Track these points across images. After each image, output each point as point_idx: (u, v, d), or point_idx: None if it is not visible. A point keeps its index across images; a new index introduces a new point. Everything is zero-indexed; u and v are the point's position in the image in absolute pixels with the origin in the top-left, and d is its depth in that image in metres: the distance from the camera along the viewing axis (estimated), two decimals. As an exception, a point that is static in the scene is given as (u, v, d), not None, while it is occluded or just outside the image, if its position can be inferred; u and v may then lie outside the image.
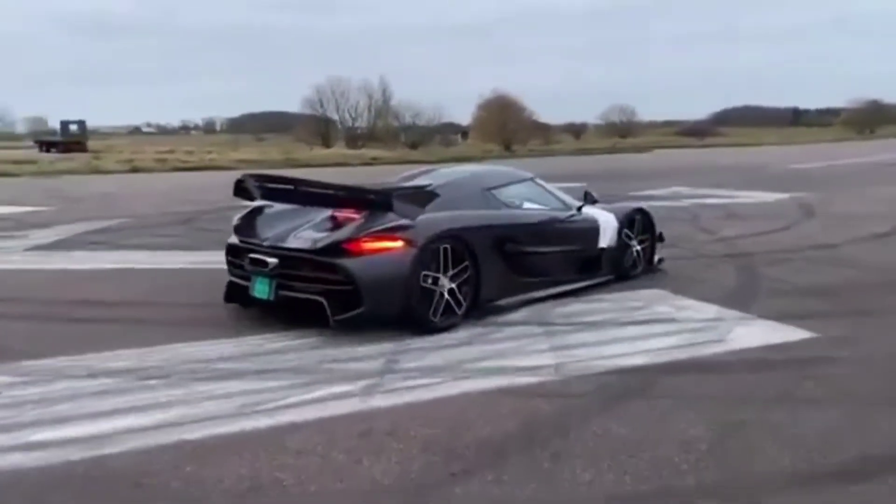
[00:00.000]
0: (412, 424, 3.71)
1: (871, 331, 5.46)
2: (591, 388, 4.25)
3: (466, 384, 4.29)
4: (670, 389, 4.23)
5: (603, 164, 32.94)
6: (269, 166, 31.81)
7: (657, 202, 14.46)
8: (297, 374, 4.46)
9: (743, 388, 4.27)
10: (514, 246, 5.90)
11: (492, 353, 4.88)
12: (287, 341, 5.13)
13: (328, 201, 5.59)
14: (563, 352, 4.92)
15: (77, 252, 8.93)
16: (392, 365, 4.63)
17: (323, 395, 4.11)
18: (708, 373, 4.54)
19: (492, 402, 4.02)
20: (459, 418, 3.79)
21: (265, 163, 34.45)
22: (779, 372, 4.54)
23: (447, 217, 5.51)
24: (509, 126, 57.35)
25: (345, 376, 4.42)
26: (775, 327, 5.52)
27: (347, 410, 3.89)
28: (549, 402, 4.02)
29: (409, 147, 53.10)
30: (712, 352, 4.94)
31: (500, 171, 6.94)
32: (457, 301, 5.41)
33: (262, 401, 4.01)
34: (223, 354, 4.82)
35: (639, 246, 7.27)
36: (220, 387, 4.23)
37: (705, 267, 7.95)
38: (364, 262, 5.02)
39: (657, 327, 5.55)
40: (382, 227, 5.17)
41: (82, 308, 6.10)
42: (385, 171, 28.42)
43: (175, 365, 4.60)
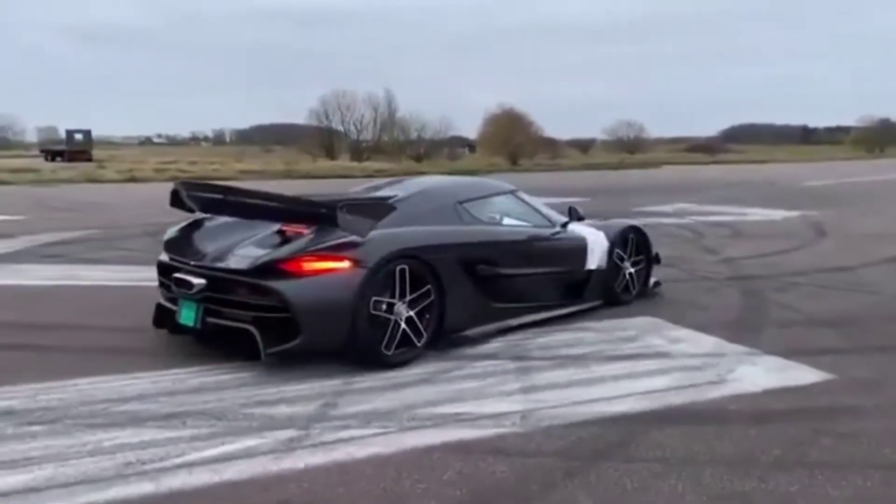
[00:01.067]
0: (335, 495, 2.97)
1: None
2: (561, 445, 3.50)
3: (411, 438, 3.55)
4: (656, 447, 3.48)
5: (608, 179, 32.19)
6: (270, 177, 31.31)
7: (660, 219, 13.73)
8: (211, 419, 3.73)
9: (745, 446, 3.51)
10: (487, 267, 5.16)
11: (450, 396, 4.14)
12: (214, 376, 4.40)
13: (264, 213, 4.86)
14: (535, 395, 4.17)
15: (23, 265, 8.23)
16: (327, 410, 3.90)
17: (232, 450, 3.37)
18: (703, 424, 3.78)
19: (437, 463, 3.28)
20: (393, 487, 3.05)
21: (266, 173, 34.00)
22: (789, 425, 3.78)
23: (405, 233, 4.76)
24: (515, 140, 56.82)
25: (267, 424, 3.68)
26: (785, 366, 4.77)
27: (257, 473, 3.15)
28: (507, 464, 3.27)
29: (414, 160, 52.50)
30: (709, 397, 4.19)
31: (476, 182, 6.22)
32: (416, 331, 4.67)
33: (154, 457, 3.28)
34: (132, 392, 4.10)
35: (632, 268, 6.52)
36: (112, 437, 3.50)
37: (706, 291, 7.19)
38: (302, 285, 4.29)
39: (648, 364, 4.80)
40: (326, 244, 4.44)
41: (17, 332, 5.39)
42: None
43: (70, 406, 3.88)
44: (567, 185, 26.37)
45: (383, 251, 4.47)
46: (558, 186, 24.77)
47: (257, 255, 4.50)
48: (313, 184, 26.44)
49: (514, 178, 34.80)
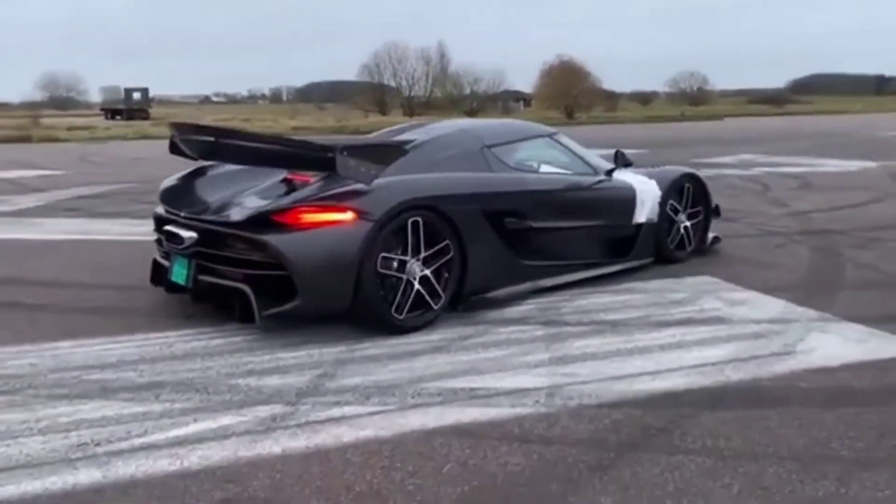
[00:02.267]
0: (306, 489, 2.47)
1: None
2: (591, 431, 2.92)
3: (412, 418, 3.02)
4: (707, 436, 2.86)
5: (668, 131, 30.83)
6: (319, 133, 30.97)
7: (722, 170, 12.79)
8: (188, 391, 3.26)
9: (819, 436, 2.87)
10: (516, 220, 4.54)
11: (465, 367, 3.58)
12: (207, 340, 3.94)
13: (260, 158, 4.32)
14: (565, 368, 3.58)
15: (42, 219, 7.94)
16: (323, 382, 3.39)
17: (201, 430, 2.89)
18: (767, 407, 3.14)
19: (438, 452, 2.74)
20: (380, 482, 2.52)
21: (317, 129, 33.79)
22: (874, 410, 3.11)
23: (419, 181, 4.16)
24: (572, 93, 55.32)
25: (250, 398, 3.19)
26: (865, 334, 4.07)
27: (223, 460, 2.66)
28: (523, 454, 2.71)
29: (466, 114, 51.55)
30: (775, 371, 3.54)
31: (509, 125, 5.53)
32: (432, 292, 4.11)
33: (112, 437, 2.82)
34: (112, 358, 3.66)
35: (688, 221, 5.80)
36: (72, 411, 3.06)
37: (773, 248, 6.43)
38: (300, 240, 3.75)
39: (702, 331, 4.15)
40: (328, 193, 3.89)
41: (15, 288, 5.04)
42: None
43: (39, 374, 3.46)
44: (624, 136, 25.26)
45: (393, 201, 3.90)
46: (613, 138, 23.70)
47: (254, 206, 3.98)
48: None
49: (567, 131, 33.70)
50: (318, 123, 39.53)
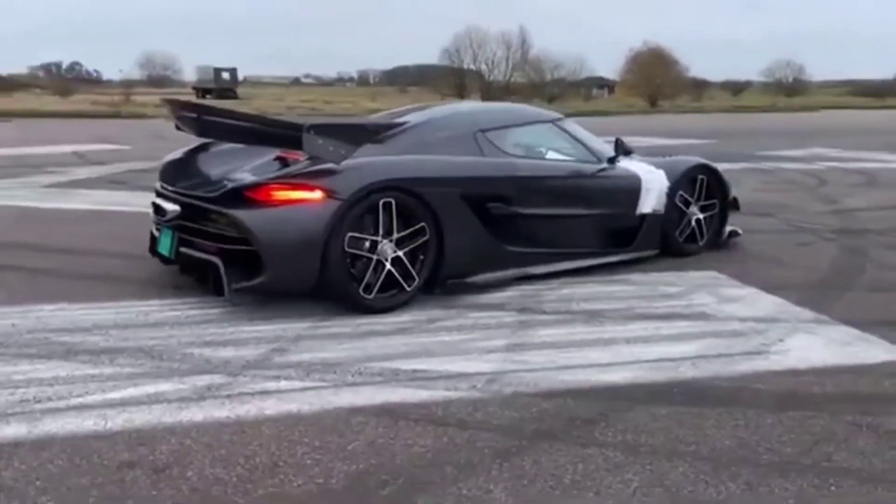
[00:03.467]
0: (208, 457, 2.54)
1: None
2: (514, 418, 2.89)
3: (344, 396, 3.06)
4: (632, 430, 2.80)
5: (749, 122, 29.71)
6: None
7: (784, 164, 12.26)
8: (143, 358, 3.39)
9: (750, 438, 2.76)
10: (501, 206, 4.50)
11: (420, 349, 3.60)
12: (184, 310, 4.09)
13: (240, 135, 4.42)
14: (519, 355, 3.56)
15: (88, 191, 8.34)
16: (273, 356, 3.47)
17: (137, 394, 3.01)
18: (711, 406, 3.04)
19: (352, 429, 2.77)
20: (281, 456, 2.57)
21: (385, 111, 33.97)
22: (823, 415, 2.97)
23: (392, 162, 4.17)
24: (657, 80, 54.02)
25: (197, 367, 3.30)
26: (854, 338, 3.88)
27: (146, 423, 2.77)
28: (434, 437, 2.72)
29: (546, 101, 50.92)
30: (738, 371, 3.41)
31: (508, 109, 5.48)
32: (406, 274, 4.14)
33: (53, 395, 2.97)
34: (88, 323, 3.84)
35: (701, 214, 5.61)
36: (31, 369, 3.23)
37: (798, 245, 6.16)
38: (267, 216, 3.84)
39: (679, 326, 4.04)
40: (300, 171, 3.96)
41: (7, 252, 5.34)
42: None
43: (14, 334, 3.67)
44: (698, 126, 24.54)
45: (363, 181, 3.93)
46: (683, 128, 23.11)
47: (232, 183, 4.08)
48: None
49: (642, 119, 32.94)
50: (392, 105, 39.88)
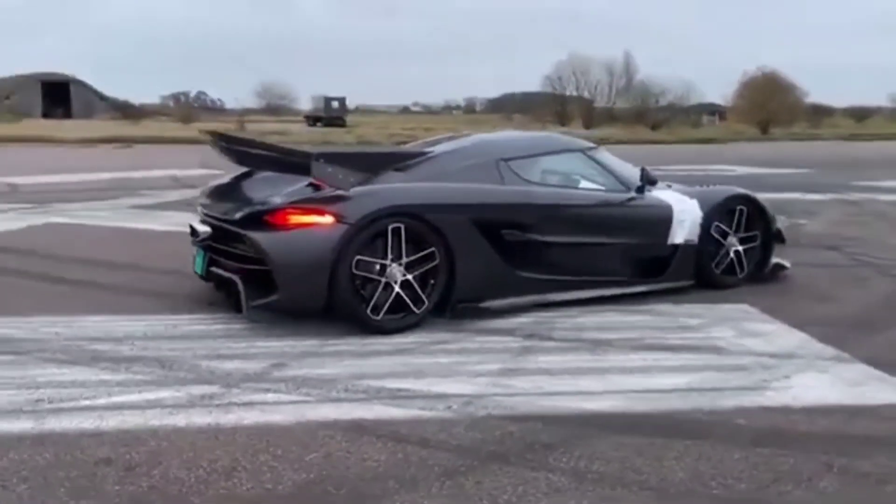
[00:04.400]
0: (176, 459, 2.76)
1: None
2: (474, 439, 2.98)
3: (323, 410, 3.23)
4: (588, 457, 2.82)
5: (862, 150, 28.20)
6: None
7: (879, 195, 11.64)
8: (155, 367, 3.67)
9: (708, 471, 2.73)
10: (516, 233, 4.59)
11: (413, 370, 3.73)
12: (207, 325, 4.39)
13: (260, 162, 4.73)
14: (508, 379, 3.63)
15: (168, 213, 8.95)
16: (272, 370, 3.68)
17: (135, 400, 3.28)
18: (679, 439, 3.01)
19: (315, 442, 2.92)
20: (243, 460, 2.77)
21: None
22: (797, 454, 2.89)
23: (400, 189, 4.35)
24: (770, 107, 52.11)
25: (200, 378, 3.55)
26: (869, 378, 3.74)
27: (134, 426, 3.02)
28: (389, 453, 2.84)
29: (650, 128, 50.04)
30: (724, 405, 3.36)
31: (536, 138, 5.56)
32: (416, 297, 4.29)
33: (64, 397, 3.28)
34: (121, 333, 4.18)
35: (740, 245, 5.49)
36: (56, 373, 3.57)
37: (852, 281, 5.90)
38: (281, 239, 4.09)
39: (685, 358, 3.99)
40: (315, 197, 4.20)
41: (74, 268, 5.83)
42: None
43: (54, 341, 4.04)
44: (804, 155, 23.53)
45: (371, 207, 4.13)
46: (786, 156, 22.25)
47: (255, 207, 4.37)
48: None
49: (746, 146, 31.83)
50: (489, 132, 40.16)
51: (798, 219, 9.17)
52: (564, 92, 55.79)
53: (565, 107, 55.38)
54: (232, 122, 43.86)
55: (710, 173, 16.38)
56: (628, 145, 32.42)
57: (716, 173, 16.43)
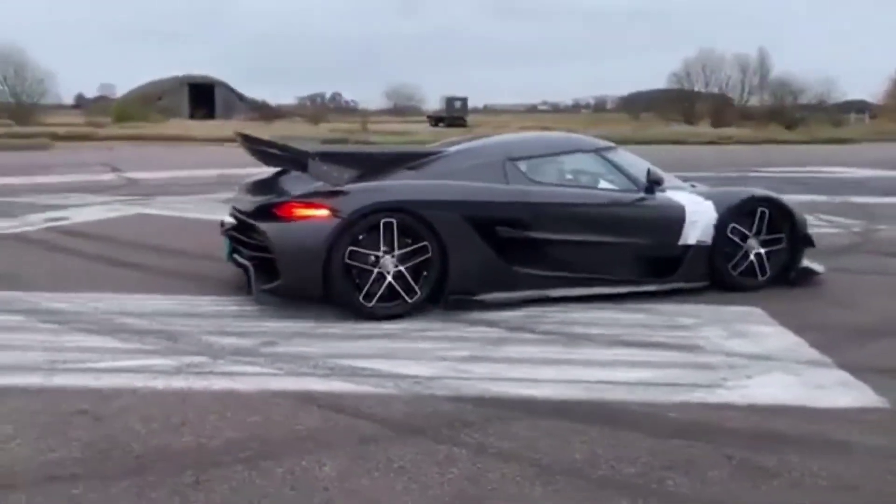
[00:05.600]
0: (135, 414, 3.20)
1: None
2: (403, 414, 3.25)
3: (284, 382, 3.59)
4: (499, 433, 3.04)
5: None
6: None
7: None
8: (162, 339, 4.16)
9: (603, 455, 2.88)
10: (511, 230, 4.79)
11: (389, 353, 4.03)
12: (224, 306, 4.88)
13: (269, 159, 5.16)
14: (469, 365, 3.87)
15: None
16: (261, 347, 4.09)
17: (132, 365, 3.77)
18: (595, 425, 3.16)
19: (260, 408, 3.28)
20: (191, 417, 3.17)
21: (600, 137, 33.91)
22: (705, 446, 2.98)
23: (394, 186, 4.66)
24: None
25: (196, 349, 4.01)
26: (836, 382, 3.71)
27: (119, 385, 3.48)
28: (319, 420, 3.17)
29: (785, 127, 47.54)
30: (664, 400, 3.45)
31: (547, 138, 5.69)
32: (408, 288, 4.58)
33: (75, 360, 3.81)
34: (150, 309, 4.73)
35: (762, 248, 5.41)
36: (78, 339, 4.14)
37: (884, 290, 5.67)
38: (283, 229, 4.50)
39: (654, 354, 4.08)
40: (315, 191, 4.59)
41: (136, 252, 6.53)
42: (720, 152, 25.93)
43: (94, 314, 4.63)
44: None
45: (364, 202, 4.46)
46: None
47: (268, 200, 4.80)
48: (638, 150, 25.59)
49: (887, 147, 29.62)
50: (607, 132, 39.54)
51: (880, 224, 8.74)
52: (693, 89, 53.88)
53: (693, 104, 53.52)
54: (356, 122, 45.54)
55: (816, 175, 15.65)
56: (748, 145, 31.24)
57: (820, 175, 15.68)
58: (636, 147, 26.65)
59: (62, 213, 8.79)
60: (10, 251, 6.66)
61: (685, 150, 26.57)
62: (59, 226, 7.89)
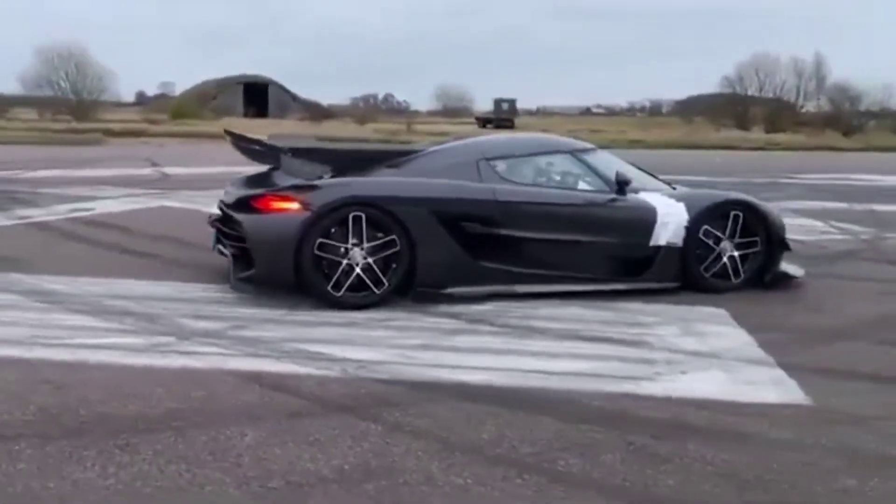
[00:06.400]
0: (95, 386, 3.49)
1: None
2: (334, 393, 3.47)
3: (237, 362, 3.84)
4: (415, 412, 3.25)
5: None
6: (644, 146, 31.09)
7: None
8: (141, 321, 4.47)
9: (462, 432, 3.06)
10: (477, 226, 4.98)
11: (345, 339, 4.27)
12: (211, 293, 5.18)
13: (251, 155, 5.45)
14: (415, 352, 4.07)
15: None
16: (227, 331, 4.36)
17: (106, 342, 4.08)
18: (515, 409, 3.33)
19: (205, 383, 3.53)
20: (142, 390, 3.44)
21: (645, 143, 33.74)
22: (608, 432, 3.13)
23: (363, 182, 4.90)
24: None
25: (164, 331, 4.30)
26: (771, 380, 3.81)
27: (93, 362, 3.78)
28: (260, 396, 3.42)
29: (842, 134, 46.31)
30: (584, 388, 3.60)
31: (524, 139, 5.86)
32: (376, 279, 4.81)
33: (56, 336, 4.13)
34: (140, 293, 5.06)
35: (736, 251, 5.48)
36: (63, 318, 4.49)
37: (872, 296, 5.68)
38: (258, 221, 4.78)
39: (601, 348, 4.23)
40: (291, 185, 4.86)
41: (145, 242, 6.92)
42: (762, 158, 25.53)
43: (94, 297, 4.95)
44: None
45: (333, 196, 4.71)
46: None
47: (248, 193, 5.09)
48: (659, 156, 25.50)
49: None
50: (657, 137, 39.19)
51: (890, 232, 8.64)
52: (745, 93, 52.92)
53: (747, 109, 52.52)
54: (402, 123, 46.03)
55: (851, 183, 15.37)
56: (797, 151, 30.55)
57: (855, 183, 15.41)
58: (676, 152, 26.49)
59: (88, 204, 9.31)
60: (28, 238, 7.14)
61: (726, 155, 26.22)
62: (81, 216, 8.37)
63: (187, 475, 2.70)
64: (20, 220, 8.12)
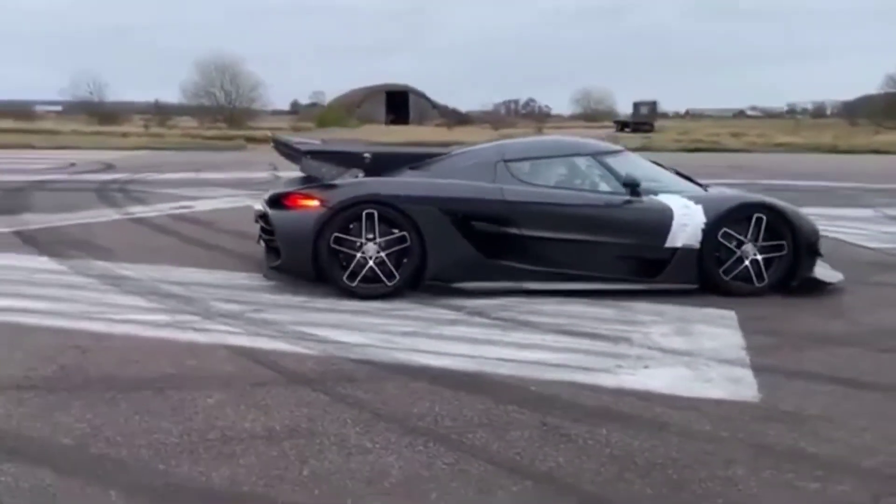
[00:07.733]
0: (114, 353, 4.09)
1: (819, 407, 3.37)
2: (306, 369, 3.89)
3: (237, 339, 4.32)
4: (368, 389, 3.60)
5: None
6: (787, 150, 29.65)
7: None
8: (179, 302, 5.09)
9: (443, 415, 3.35)
10: (487, 225, 5.24)
11: (343, 324, 4.66)
12: (251, 280, 5.75)
13: (288, 158, 5.94)
14: (402, 339, 4.41)
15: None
16: (246, 313, 4.88)
17: (141, 318, 4.69)
18: (464, 391, 3.60)
19: (199, 354, 4.05)
20: (148, 360, 4.00)
21: (790, 146, 32.05)
22: (538, 414, 3.35)
23: (379, 182, 5.29)
24: None
25: (192, 310, 4.88)
26: (731, 379, 3.86)
27: (120, 333, 4.41)
28: (241, 369, 3.88)
29: None
30: (550, 378, 3.81)
31: (544, 142, 6.03)
32: (388, 272, 5.19)
33: (99, 312, 4.80)
34: (191, 280, 5.70)
35: (759, 255, 5.41)
36: (113, 298, 5.17)
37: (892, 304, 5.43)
38: (285, 216, 5.29)
39: (582, 343, 4.39)
40: (316, 185, 5.34)
41: (220, 236, 7.65)
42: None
43: (148, 281, 5.67)
44: None
45: (349, 195, 5.14)
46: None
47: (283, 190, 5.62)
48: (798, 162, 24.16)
49: None
50: (802, 140, 37.03)
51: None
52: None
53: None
54: (530, 128, 46.14)
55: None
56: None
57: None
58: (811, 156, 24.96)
59: (189, 202, 10.31)
60: (122, 230, 8.09)
61: (869, 160, 24.45)
62: (178, 213, 9.32)
63: (144, 424, 3.20)
64: (125, 215, 9.17)
